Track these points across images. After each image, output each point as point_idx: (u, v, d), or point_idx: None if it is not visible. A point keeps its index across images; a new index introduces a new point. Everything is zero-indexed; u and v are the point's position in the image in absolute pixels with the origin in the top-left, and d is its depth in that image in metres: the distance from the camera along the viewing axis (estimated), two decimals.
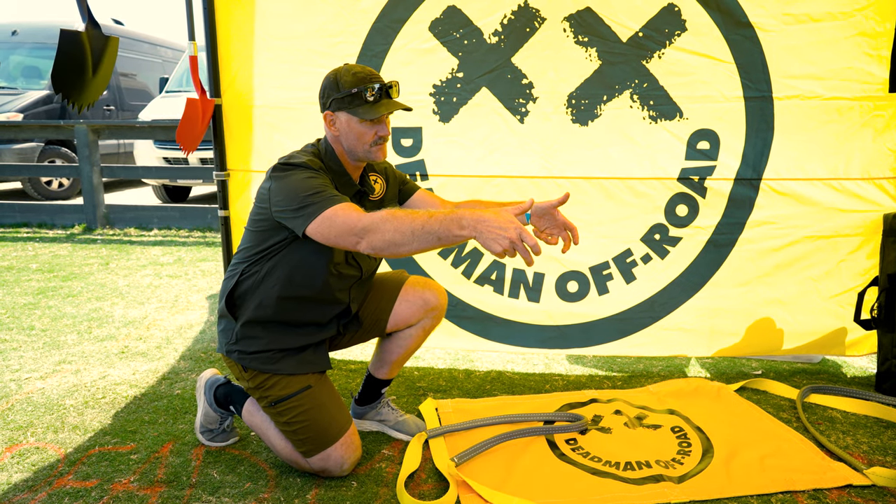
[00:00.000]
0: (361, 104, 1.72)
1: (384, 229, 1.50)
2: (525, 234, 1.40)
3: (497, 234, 1.40)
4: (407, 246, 1.50)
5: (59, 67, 1.94)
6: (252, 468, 1.95)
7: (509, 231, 1.40)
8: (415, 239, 1.48)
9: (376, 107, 1.73)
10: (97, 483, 1.86)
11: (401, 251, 1.52)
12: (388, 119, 1.81)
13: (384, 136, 1.78)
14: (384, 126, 1.77)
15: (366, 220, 1.53)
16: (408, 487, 1.84)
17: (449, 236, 1.47)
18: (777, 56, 2.40)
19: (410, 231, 1.48)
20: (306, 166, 1.70)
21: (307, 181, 1.65)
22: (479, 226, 1.43)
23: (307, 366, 1.86)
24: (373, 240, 1.51)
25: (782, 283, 2.59)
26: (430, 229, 1.47)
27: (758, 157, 2.48)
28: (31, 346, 2.99)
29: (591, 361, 2.88)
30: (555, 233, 1.86)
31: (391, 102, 1.76)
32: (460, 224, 1.45)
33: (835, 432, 2.17)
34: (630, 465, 1.94)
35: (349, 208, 1.58)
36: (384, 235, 1.50)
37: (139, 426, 2.21)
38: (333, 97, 1.75)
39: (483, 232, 1.42)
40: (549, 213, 1.86)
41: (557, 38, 2.45)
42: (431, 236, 1.47)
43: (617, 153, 2.51)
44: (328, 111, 1.78)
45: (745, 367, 2.80)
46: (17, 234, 5.96)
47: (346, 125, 1.76)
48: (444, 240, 1.48)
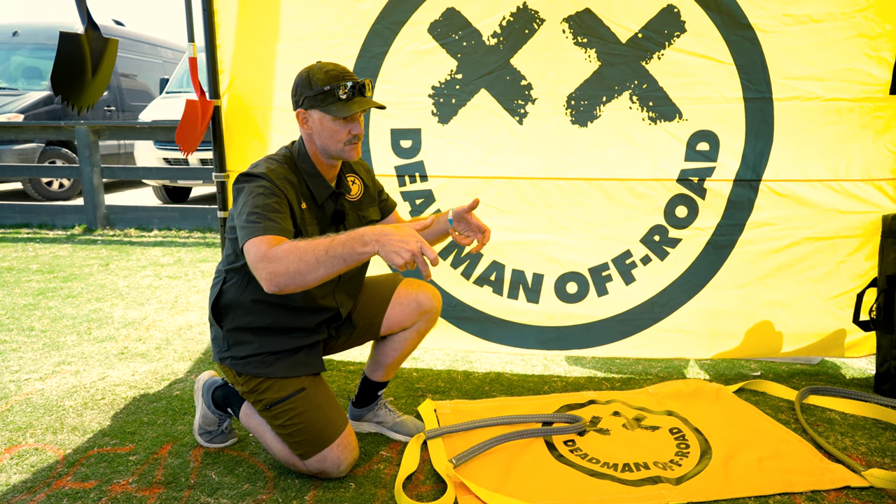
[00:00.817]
0: (334, 102, 1.71)
1: (287, 260, 1.49)
2: (425, 247, 1.45)
3: (399, 246, 1.45)
4: (312, 274, 1.49)
5: (59, 69, 1.94)
6: (250, 469, 1.95)
7: (410, 244, 1.45)
8: (320, 265, 1.49)
9: (349, 104, 1.71)
10: (96, 484, 1.86)
11: (307, 281, 1.51)
12: (361, 118, 1.79)
13: (357, 134, 1.76)
14: (357, 125, 1.76)
15: (270, 252, 1.52)
16: (406, 489, 1.84)
17: (353, 255, 1.49)
18: (777, 57, 2.40)
19: (314, 258, 1.48)
20: (263, 177, 1.70)
21: (257, 198, 1.64)
22: (381, 239, 1.47)
23: (300, 368, 1.86)
24: (274, 271, 1.50)
25: (782, 284, 2.59)
26: (333, 253, 1.48)
27: (757, 158, 2.48)
28: (30, 347, 2.99)
29: (589, 363, 2.88)
30: (470, 234, 1.93)
31: (364, 100, 1.74)
32: (363, 241, 1.48)
33: (833, 434, 2.17)
34: (628, 466, 1.94)
35: (265, 241, 1.55)
36: (288, 267, 1.49)
37: (138, 427, 2.21)
38: (306, 95, 1.73)
39: (386, 245, 1.46)
40: (464, 218, 1.92)
41: (557, 39, 2.45)
42: (336, 259, 1.49)
43: (616, 154, 2.50)
44: (300, 109, 1.77)
45: (744, 369, 2.79)
46: (18, 234, 5.97)
47: (318, 123, 1.75)
48: (349, 260, 1.50)
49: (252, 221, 1.60)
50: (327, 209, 1.88)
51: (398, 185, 2.62)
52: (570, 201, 2.55)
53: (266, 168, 1.74)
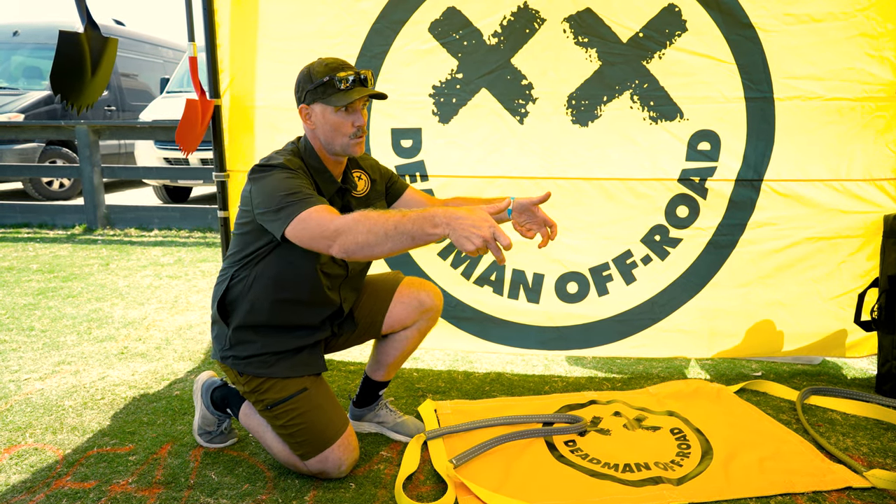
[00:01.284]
0: (334, 92, 1.70)
1: (356, 231, 1.46)
2: (499, 232, 1.38)
3: (471, 231, 1.38)
4: (380, 247, 1.46)
5: (58, 69, 1.94)
6: (250, 470, 1.95)
7: (483, 229, 1.38)
8: (388, 239, 1.45)
9: (349, 93, 1.70)
10: (95, 484, 1.85)
11: (374, 253, 1.48)
12: (364, 111, 1.78)
13: (360, 125, 1.75)
14: (359, 116, 1.75)
15: (338, 221, 1.49)
16: (406, 489, 1.83)
17: (422, 235, 1.44)
18: (778, 56, 2.39)
19: (384, 232, 1.45)
20: (284, 167, 1.68)
21: (285, 181, 1.63)
22: (453, 223, 1.40)
23: (302, 368, 1.86)
24: (345, 242, 1.48)
25: (783, 284, 2.58)
26: (403, 229, 1.44)
27: (759, 158, 2.48)
28: (30, 347, 2.99)
29: (590, 363, 2.87)
30: (534, 228, 1.88)
31: (364, 90, 1.72)
32: (434, 222, 1.42)
33: (835, 434, 2.17)
34: (629, 466, 1.93)
35: (323, 210, 1.54)
36: (356, 237, 1.46)
37: (138, 427, 2.21)
38: (307, 89, 1.73)
39: (457, 229, 1.40)
40: (530, 210, 1.87)
41: (557, 38, 2.44)
42: (405, 236, 1.44)
43: (617, 154, 2.50)
44: (303, 104, 1.76)
45: (744, 369, 2.79)
46: (18, 234, 5.96)
47: (321, 117, 1.74)
48: (418, 239, 1.45)
49: (292, 201, 1.58)
50: (334, 205, 1.87)
51: None
52: (570, 201, 2.55)
53: (284, 159, 1.73)
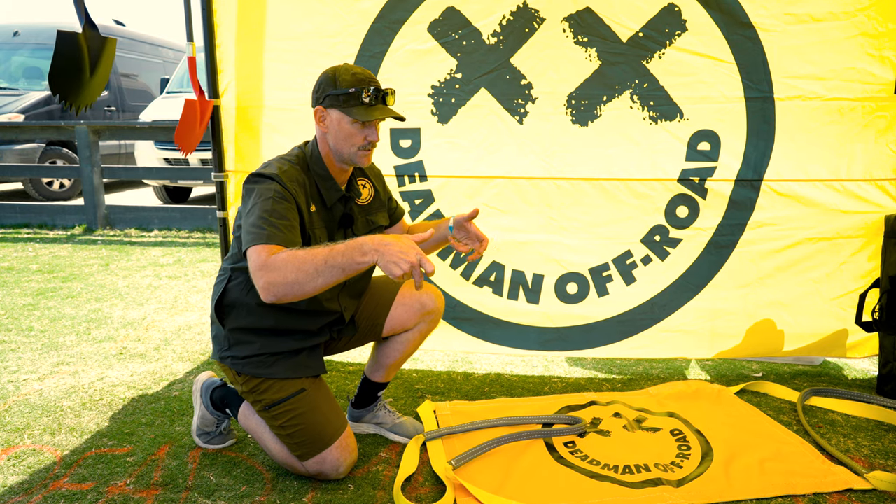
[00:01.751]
0: (357, 105, 1.71)
1: (285, 269, 1.47)
2: (424, 259, 1.44)
3: (398, 258, 1.43)
4: (311, 284, 1.48)
5: (57, 69, 1.93)
6: (248, 471, 1.94)
7: (409, 255, 1.43)
8: (319, 275, 1.47)
9: (371, 110, 1.71)
10: (93, 486, 1.85)
11: (305, 290, 1.49)
12: (378, 125, 1.79)
13: (374, 141, 1.77)
14: (374, 131, 1.76)
15: (269, 260, 1.50)
16: (405, 491, 1.83)
17: (352, 265, 1.47)
18: (778, 56, 2.38)
19: (314, 268, 1.47)
20: (275, 178, 1.68)
21: (265, 202, 1.62)
22: (381, 249, 1.45)
23: (301, 370, 1.85)
24: (272, 280, 1.48)
25: (783, 284, 2.57)
26: (332, 263, 1.47)
27: (759, 157, 2.47)
28: (29, 348, 2.98)
29: (590, 363, 2.86)
30: (468, 242, 1.95)
31: (386, 109, 1.75)
32: (362, 250, 1.46)
33: (836, 435, 2.16)
34: (628, 468, 1.93)
35: (265, 249, 1.53)
36: (286, 276, 1.47)
37: (136, 428, 2.20)
38: (329, 93, 1.73)
39: (385, 255, 1.44)
40: (464, 226, 1.94)
41: (557, 38, 2.43)
42: (335, 269, 1.47)
43: (617, 154, 2.49)
44: (320, 106, 1.77)
45: (745, 370, 2.78)
46: (18, 234, 5.96)
47: (336, 123, 1.75)
48: (348, 269, 1.48)
49: (258, 227, 1.58)
50: (336, 212, 1.87)
51: (397, 185, 2.61)
52: (570, 201, 2.54)
53: (278, 169, 1.72)
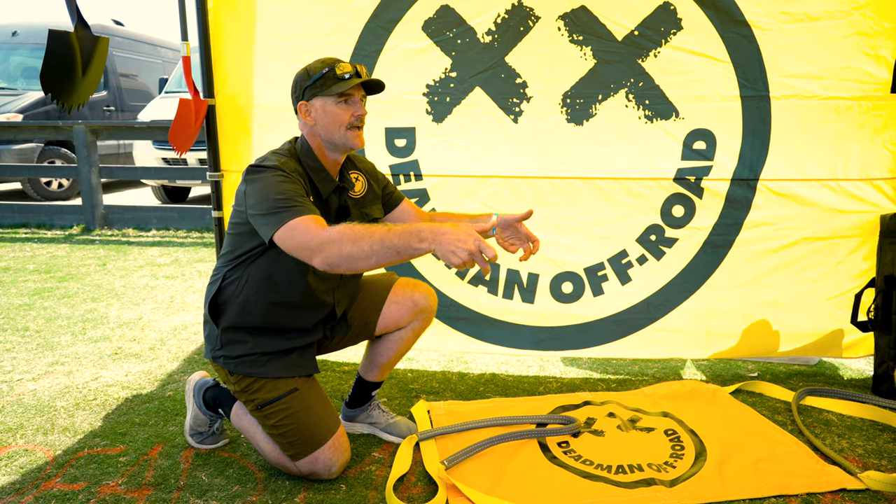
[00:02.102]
0: (334, 83, 1.71)
1: (341, 243, 1.47)
2: (483, 245, 1.40)
3: (456, 245, 1.40)
4: (365, 261, 1.47)
5: (49, 68, 1.93)
6: (241, 471, 1.93)
7: (468, 243, 1.40)
8: (373, 254, 1.46)
9: (348, 81, 1.71)
10: (84, 486, 1.84)
11: (359, 266, 1.49)
12: (363, 101, 1.79)
13: (361, 115, 1.76)
14: (359, 105, 1.76)
15: (324, 234, 1.50)
16: (397, 491, 1.82)
17: (408, 249, 1.45)
18: (774, 55, 2.37)
19: (369, 246, 1.46)
20: (278, 169, 1.67)
21: (278, 185, 1.62)
22: (439, 238, 1.42)
23: (294, 369, 1.85)
24: (329, 254, 1.48)
25: (779, 284, 2.56)
26: (388, 244, 1.46)
27: (755, 157, 2.46)
28: (24, 348, 2.98)
29: (585, 363, 2.86)
30: (517, 243, 1.92)
31: (362, 79, 1.74)
32: (420, 237, 1.44)
33: (830, 435, 2.15)
34: (622, 468, 1.92)
35: (312, 220, 1.54)
36: (341, 249, 1.47)
37: (129, 428, 2.19)
38: (305, 86, 1.74)
39: (443, 244, 1.41)
40: (513, 226, 1.92)
41: (552, 36, 2.43)
42: (390, 251, 1.46)
43: (612, 153, 2.48)
44: (302, 101, 1.77)
45: (740, 369, 2.77)
46: (16, 234, 5.96)
47: (321, 110, 1.75)
48: (403, 253, 1.46)
49: (284, 206, 1.57)
50: (331, 204, 1.86)
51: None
52: (565, 200, 2.53)
53: (277, 161, 1.72)
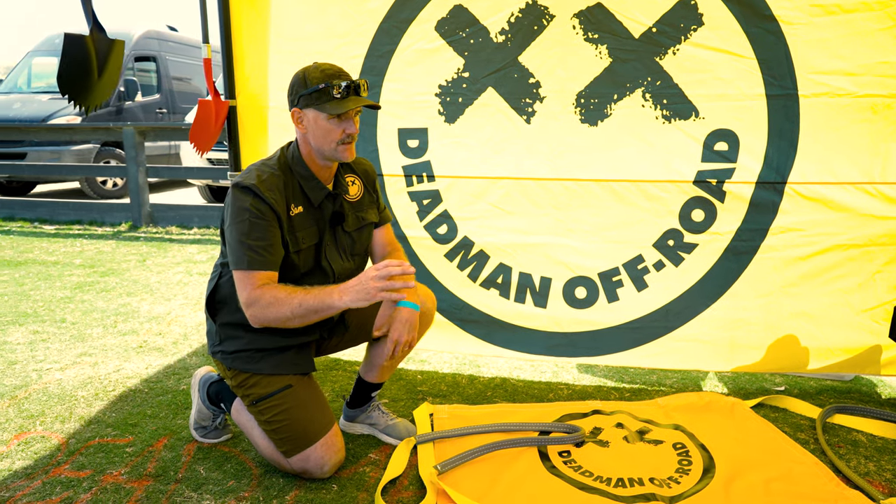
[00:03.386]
0: (328, 100, 1.71)
1: (267, 308, 1.66)
2: (385, 271, 1.59)
3: (364, 289, 1.60)
4: (289, 322, 1.67)
5: (65, 71, 2.01)
6: (238, 466, 1.96)
7: (371, 283, 1.59)
8: (294, 316, 1.65)
9: (343, 102, 1.71)
10: (89, 474, 1.90)
11: (286, 326, 1.70)
12: (356, 119, 1.78)
13: (351, 133, 1.76)
14: (351, 123, 1.75)
15: (255, 294, 1.67)
16: (388, 493, 1.80)
17: (325, 308, 1.64)
18: (803, 51, 2.24)
19: (290, 310, 1.65)
20: (252, 190, 1.71)
21: (241, 223, 1.71)
22: (347, 291, 1.62)
23: (288, 367, 1.86)
24: (256, 315, 1.68)
25: (809, 294, 2.42)
26: (307, 306, 1.64)
27: (782, 159, 2.33)
28: (59, 339, 3.11)
29: (601, 371, 2.77)
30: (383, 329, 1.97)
31: (358, 99, 1.74)
32: (332, 296, 1.64)
33: (856, 457, 2.01)
34: (622, 481, 1.84)
35: (252, 278, 1.69)
36: (266, 313, 1.67)
37: (140, 419, 2.26)
38: (301, 94, 1.74)
39: (353, 293, 1.61)
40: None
41: (566, 35, 2.37)
42: (310, 311, 1.65)
43: (628, 154, 2.40)
44: (296, 108, 1.77)
45: (767, 383, 2.63)
46: (70, 230, 6.27)
47: (313, 122, 1.75)
48: (322, 312, 1.65)
49: (239, 251, 1.71)
50: (326, 210, 1.87)
51: (406, 185, 2.59)
52: (578, 203, 2.46)
53: (256, 178, 1.74)
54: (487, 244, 2.57)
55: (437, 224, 2.59)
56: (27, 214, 6.87)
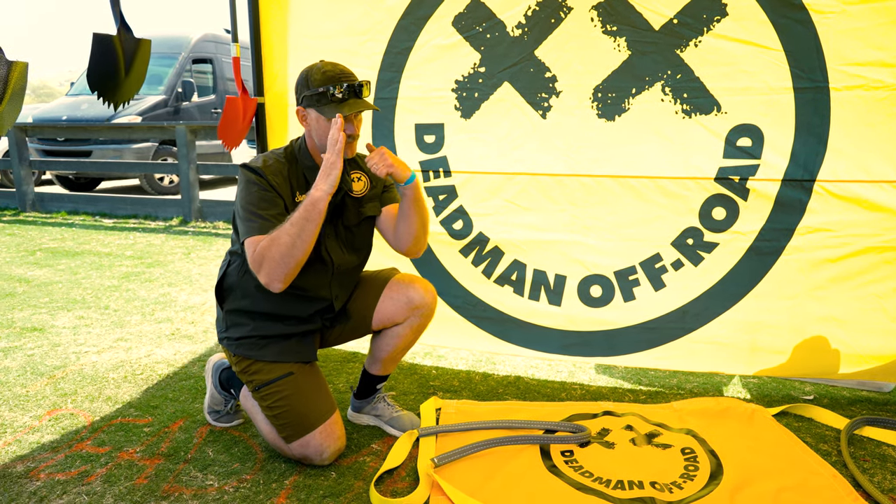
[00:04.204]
0: (328, 103, 1.75)
1: (270, 252, 1.64)
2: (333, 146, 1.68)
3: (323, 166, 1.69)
4: (295, 248, 1.64)
5: (94, 69, 2.13)
6: (245, 450, 2.02)
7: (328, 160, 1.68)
8: (294, 239, 1.63)
9: (342, 106, 1.74)
10: (108, 451, 2.01)
11: (296, 256, 1.65)
12: (356, 120, 1.81)
13: (350, 133, 1.78)
14: (351, 125, 1.78)
15: (258, 254, 1.66)
16: (384, 483, 1.82)
17: (311, 208, 1.65)
18: (835, 41, 2.12)
19: (287, 234, 1.63)
20: (257, 171, 1.77)
21: (248, 194, 1.75)
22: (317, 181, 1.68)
23: (291, 355, 1.90)
24: (267, 269, 1.66)
25: (839, 298, 2.29)
26: (295, 219, 1.64)
27: (810, 155, 2.21)
28: (100, 324, 3.29)
29: (619, 372, 2.70)
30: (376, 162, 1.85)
31: (358, 102, 1.77)
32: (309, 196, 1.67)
33: (882, 472, 1.89)
34: (621, 483, 1.80)
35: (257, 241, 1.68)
36: (273, 256, 1.64)
37: (161, 402, 2.36)
38: (304, 94, 1.79)
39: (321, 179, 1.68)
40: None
41: (584, 28, 2.33)
42: (301, 220, 1.64)
43: (646, 150, 2.34)
44: (300, 106, 1.82)
45: (795, 391, 2.50)
46: (126, 224, 6.61)
47: (315, 121, 1.80)
48: (311, 213, 1.64)
49: (247, 219, 1.73)
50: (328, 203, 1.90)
51: (423, 181, 2.61)
52: (595, 200, 2.42)
53: (263, 162, 1.81)
54: (502, 240, 2.55)
55: (452, 220, 2.60)
56: (89, 208, 7.29)
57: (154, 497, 1.75)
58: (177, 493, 1.78)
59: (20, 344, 2.97)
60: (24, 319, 3.34)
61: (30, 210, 7.43)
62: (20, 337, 3.07)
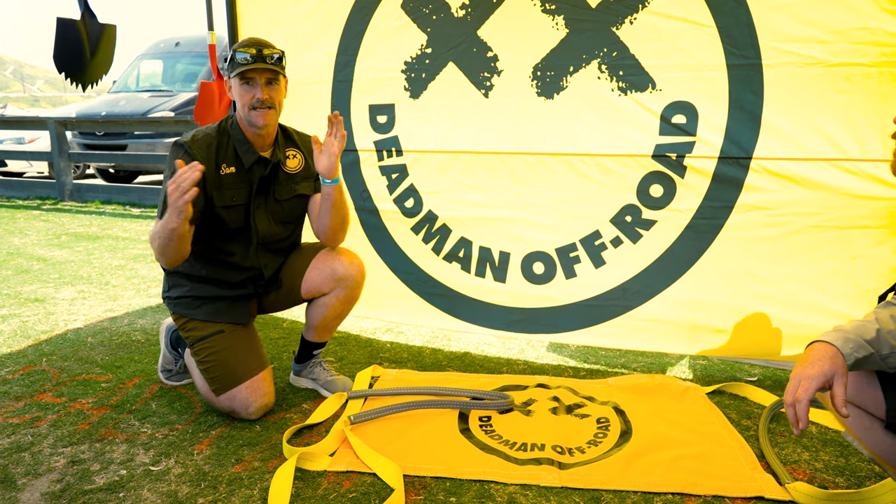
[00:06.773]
0: (235, 67, 1.87)
1: (156, 248, 1.83)
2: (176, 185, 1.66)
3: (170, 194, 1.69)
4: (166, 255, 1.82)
5: (59, 51, 2.32)
6: (186, 405, 2.16)
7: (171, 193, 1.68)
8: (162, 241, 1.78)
9: (243, 67, 1.87)
10: (64, 401, 2.18)
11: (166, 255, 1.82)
12: (265, 87, 1.92)
13: (258, 97, 1.90)
14: (259, 90, 1.90)
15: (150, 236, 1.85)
16: (302, 437, 1.93)
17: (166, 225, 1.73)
18: (767, 17, 2.11)
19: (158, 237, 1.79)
20: (182, 146, 1.92)
21: (167, 178, 1.86)
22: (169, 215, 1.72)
23: (221, 316, 2.03)
24: (155, 255, 1.86)
25: (778, 278, 2.27)
26: (158, 229, 1.79)
27: (745, 132, 2.20)
28: (97, 297, 3.52)
29: (568, 351, 2.73)
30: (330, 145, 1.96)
31: (260, 65, 1.89)
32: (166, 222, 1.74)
33: (794, 445, 1.87)
34: (524, 446, 1.85)
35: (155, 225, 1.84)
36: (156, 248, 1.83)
37: (125, 363, 2.54)
38: (226, 65, 1.92)
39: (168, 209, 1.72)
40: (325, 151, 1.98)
41: (524, 7, 2.38)
42: (162, 230, 1.76)
43: (584, 128, 2.37)
44: (226, 78, 1.95)
45: (741, 373, 2.48)
46: (151, 213, 6.95)
47: (234, 90, 1.94)
48: (165, 228, 1.74)
49: (161, 204, 1.87)
50: (254, 174, 2.03)
51: (377, 160, 2.71)
52: (537, 177, 2.46)
53: (191, 137, 1.97)
54: (450, 218, 2.63)
55: (404, 198, 2.69)
56: (121, 198, 7.69)
57: (90, 440, 1.91)
58: (111, 437, 1.93)
59: (20, 312, 3.21)
60: (30, 292, 3.60)
61: (68, 199, 7.90)
62: (21, 306, 3.32)
